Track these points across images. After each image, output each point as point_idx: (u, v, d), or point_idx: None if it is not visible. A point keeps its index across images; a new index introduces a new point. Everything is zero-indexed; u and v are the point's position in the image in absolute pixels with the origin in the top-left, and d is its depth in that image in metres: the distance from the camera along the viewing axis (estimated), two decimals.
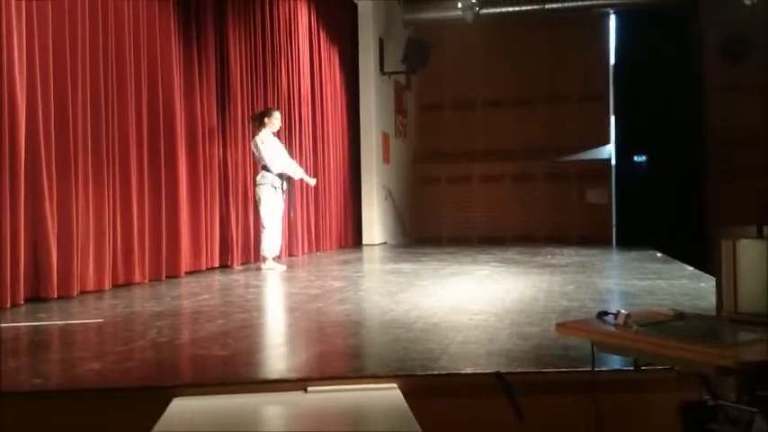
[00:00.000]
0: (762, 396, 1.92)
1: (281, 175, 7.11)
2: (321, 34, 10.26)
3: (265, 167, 7.07)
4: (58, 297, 4.88)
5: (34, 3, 4.80)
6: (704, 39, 11.72)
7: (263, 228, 7.07)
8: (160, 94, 6.29)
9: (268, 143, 7.13)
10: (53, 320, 4.12)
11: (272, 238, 7.05)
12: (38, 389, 2.59)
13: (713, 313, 2.26)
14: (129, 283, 5.74)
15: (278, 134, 7.89)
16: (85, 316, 4.31)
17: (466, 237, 12.77)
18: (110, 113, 5.62)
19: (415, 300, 4.72)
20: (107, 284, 5.45)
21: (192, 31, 6.94)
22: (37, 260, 4.82)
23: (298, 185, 8.31)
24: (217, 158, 7.34)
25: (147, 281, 5.96)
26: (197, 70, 6.98)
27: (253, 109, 8.03)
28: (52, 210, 4.90)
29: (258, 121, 7.25)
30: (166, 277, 6.24)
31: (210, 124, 7.22)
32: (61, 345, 3.57)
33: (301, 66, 9.49)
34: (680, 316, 2.16)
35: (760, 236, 2.10)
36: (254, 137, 7.28)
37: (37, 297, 4.78)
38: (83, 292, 5.17)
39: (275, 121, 7.26)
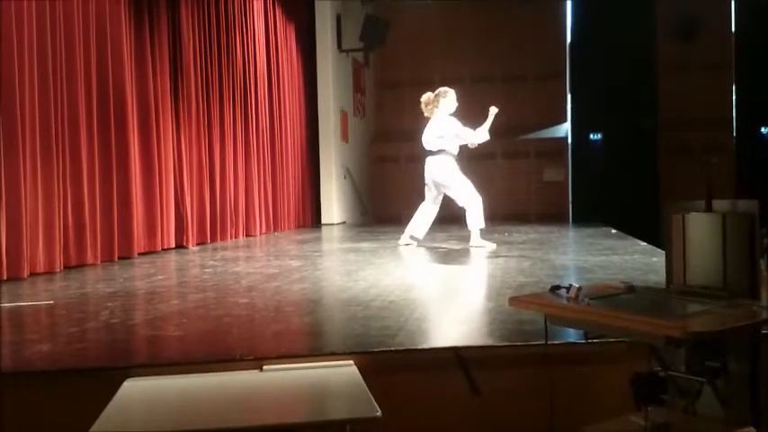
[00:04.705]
0: (710, 366, 1.97)
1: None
2: (277, 10, 10.11)
3: (439, 151, 6.91)
4: (8, 279, 4.76)
5: None
6: (657, 17, 11.88)
7: (471, 202, 6.73)
8: (110, 70, 6.12)
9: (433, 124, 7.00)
10: (2, 302, 4.01)
11: (480, 211, 6.71)
12: None
13: (664, 286, 2.29)
14: (81, 265, 5.63)
15: (233, 112, 7.77)
16: (36, 298, 4.21)
17: None
18: (58, 90, 5.46)
19: (373, 278, 4.71)
20: (58, 266, 5.33)
21: (144, 6, 6.75)
22: None
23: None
24: (170, 136, 7.20)
25: (99, 262, 5.85)
26: (149, 46, 6.81)
27: (206, 85, 7.90)
28: None
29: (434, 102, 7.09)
30: (120, 258, 6.13)
31: (163, 101, 7.06)
32: (11, 327, 3.47)
33: (257, 42, 9.34)
34: (630, 289, 2.19)
35: (708, 209, 2.14)
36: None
37: None
38: (33, 274, 5.06)
39: (451, 100, 7.16)
